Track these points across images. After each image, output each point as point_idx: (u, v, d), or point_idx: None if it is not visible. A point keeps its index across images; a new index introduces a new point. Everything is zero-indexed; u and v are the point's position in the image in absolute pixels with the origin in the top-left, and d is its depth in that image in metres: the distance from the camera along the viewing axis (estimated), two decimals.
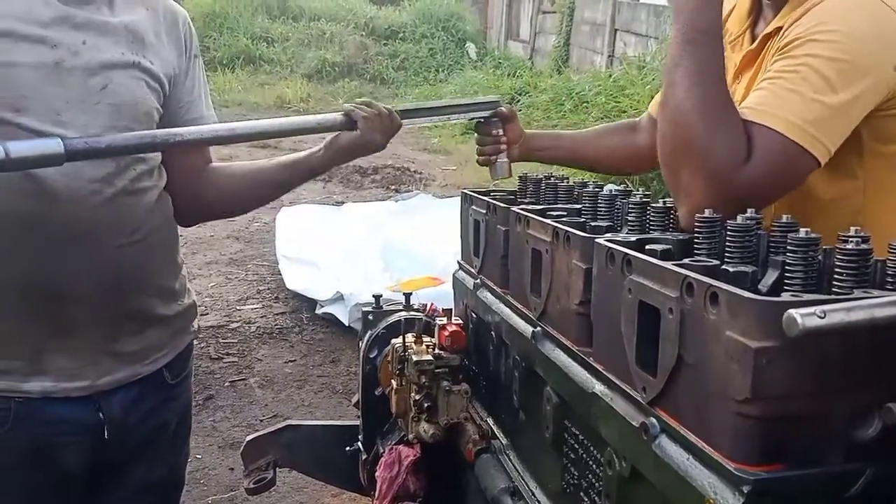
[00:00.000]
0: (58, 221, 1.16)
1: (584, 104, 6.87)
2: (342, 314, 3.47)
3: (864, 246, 0.68)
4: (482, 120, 1.67)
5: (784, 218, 0.82)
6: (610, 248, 0.86)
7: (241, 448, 1.71)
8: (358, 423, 1.72)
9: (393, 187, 6.26)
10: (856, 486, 0.63)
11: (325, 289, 3.58)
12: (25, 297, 1.18)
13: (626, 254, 0.82)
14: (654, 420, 0.75)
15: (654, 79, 6.13)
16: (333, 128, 1.53)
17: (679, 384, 0.72)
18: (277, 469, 1.73)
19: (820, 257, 0.73)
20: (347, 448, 1.66)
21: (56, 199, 1.15)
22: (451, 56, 13.81)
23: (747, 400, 0.62)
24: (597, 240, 0.89)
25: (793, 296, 0.64)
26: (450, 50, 14.05)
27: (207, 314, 3.69)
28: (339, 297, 3.50)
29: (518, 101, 8.56)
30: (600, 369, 0.89)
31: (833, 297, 0.64)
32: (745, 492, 0.62)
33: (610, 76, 7.37)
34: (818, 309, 0.55)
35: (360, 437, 1.64)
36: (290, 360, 3.27)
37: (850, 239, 0.69)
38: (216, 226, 5.30)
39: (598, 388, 0.88)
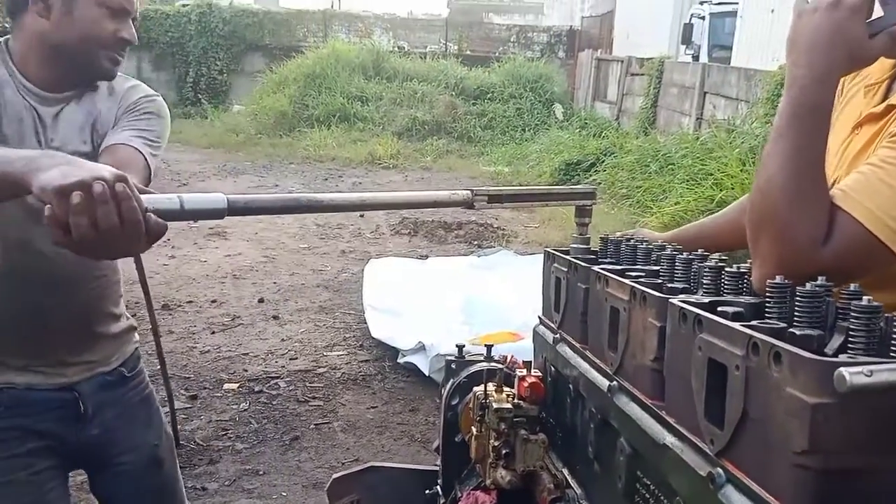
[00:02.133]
0: (47, 273, 1.56)
1: (670, 166, 6.87)
2: (423, 364, 3.57)
3: None
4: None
5: (852, 286, 0.86)
6: (683, 308, 0.92)
7: (328, 485, 1.80)
8: (437, 468, 1.80)
9: (476, 243, 6.39)
10: None
11: (408, 339, 3.70)
12: (19, 326, 1.58)
13: (698, 314, 0.88)
14: (720, 470, 0.80)
15: (742, 142, 6.10)
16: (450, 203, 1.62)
17: (743, 437, 0.77)
18: None
19: (883, 325, 0.77)
20: (427, 491, 1.73)
21: (45, 258, 1.53)
22: (538, 116, 14.06)
23: (805, 452, 0.67)
24: (671, 300, 0.96)
25: (849, 357, 0.69)
26: (537, 110, 14.31)
27: (297, 358, 3.87)
28: (420, 348, 3.61)
29: (603, 161, 8.62)
30: (671, 422, 0.94)
31: (886, 360, 0.69)
32: None
33: (697, 138, 7.36)
34: (866, 368, 0.60)
35: (439, 481, 1.71)
36: (371, 406, 3.39)
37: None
38: (307, 275, 5.55)
39: (669, 439, 0.93)
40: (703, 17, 12.30)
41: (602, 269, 1.24)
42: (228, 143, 13.19)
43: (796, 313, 0.84)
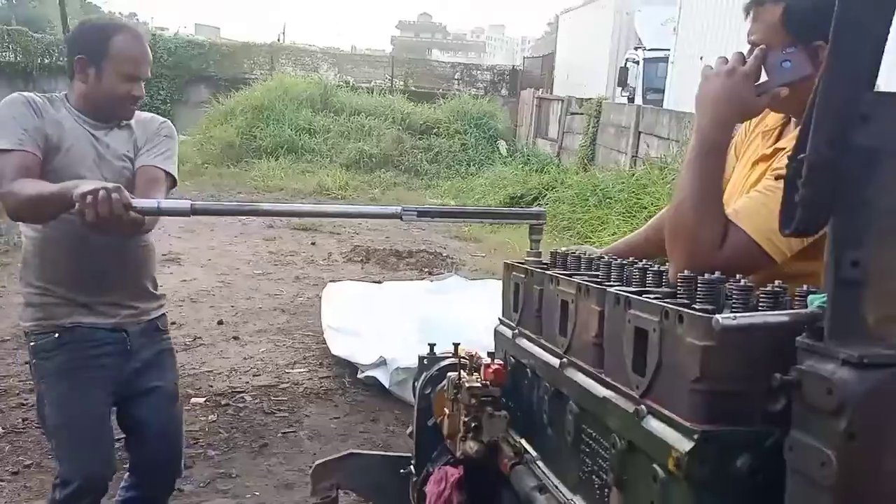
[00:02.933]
0: (106, 241, 2.09)
1: (608, 200, 7.33)
2: (384, 378, 3.82)
3: (777, 289, 1.05)
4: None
5: (738, 277, 1.19)
6: (617, 294, 1.23)
7: (311, 470, 2.05)
8: (409, 454, 2.07)
9: (426, 270, 6.69)
10: (768, 442, 0.98)
11: (368, 355, 3.95)
12: (89, 277, 2.17)
13: (628, 296, 1.20)
14: (643, 406, 1.11)
15: (673, 178, 6.59)
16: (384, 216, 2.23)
17: (658, 380, 1.08)
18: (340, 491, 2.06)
19: (754, 300, 1.10)
20: (402, 470, 2.00)
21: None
22: (483, 151, 14.54)
23: (697, 380, 0.98)
24: (609, 289, 1.27)
25: (725, 316, 1.01)
26: (481, 145, 14.79)
27: (260, 375, 4.07)
28: (381, 362, 3.86)
29: (545, 194, 9.06)
30: (609, 381, 1.25)
31: (749, 313, 1.01)
32: (695, 439, 0.98)
33: (633, 175, 7.86)
34: (731, 315, 0.92)
35: (412, 461, 1.99)
36: (334, 417, 3.62)
37: (771, 285, 1.06)
38: (264, 299, 5.74)
39: (607, 393, 1.24)
40: (637, 62, 13.03)
41: (553, 272, 1.56)
42: None
43: (698, 295, 1.16)
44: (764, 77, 1.43)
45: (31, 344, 2.19)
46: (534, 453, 1.60)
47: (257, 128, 14.88)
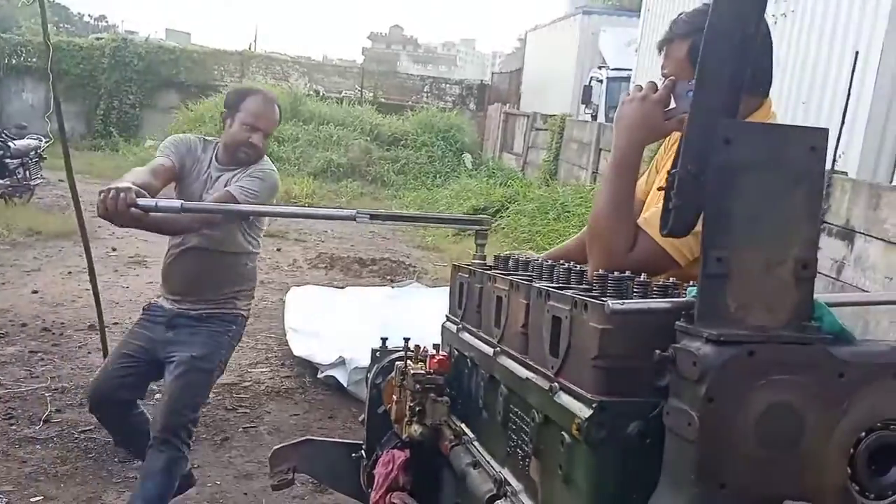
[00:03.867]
0: (194, 251, 2.79)
1: (567, 213, 7.57)
2: (343, 377, 3.97)
3: (668, 283, 1.25)
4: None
5: (642, 276, 1.38)
6: (540, 287, 1.42)
7: (270, 454, 2.20)
8: (361, 441, 2.23)
9: (389, 277, 6.85)
10: (654, 412, 1.17)
11: (328, 355, 4.09)
12: (166, 277, 2.92)
13: (548, 289, 1.38)
14: (556, 384, 1.29)
15: None
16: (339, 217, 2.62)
17: (568, 360, 1.27)
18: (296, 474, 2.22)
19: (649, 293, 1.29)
20: (353, 454, 2.16)
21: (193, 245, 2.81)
22: (449, 164, 14.75)
23: (596, 357, 1.17)
24: (534, 284, 1.46)
25: (616, 302, 1.20)
26: (447, 158, 15.00)
27: (223, 374, 4.18)
28: (340, 362, 4.01)
29: (508, 207, 9.28)
30: (531, 364, 1.43)
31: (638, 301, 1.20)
32: (594, 408, 1.16)
33: (591, 190, 8.11)
34: (621, 301, 1.11)
35: (363, 446, 2.15)
36: (294, 414, 3.76)
37: (661, 279, 1.25)
38: None
39: (529, 374, 1.42)
40: (600, 81, 13.35)
41: (491, 272, 1.74)
42: None
43: (609, 289, 1.35)
44: (673, 104, 1.64)
45: None
46: (471, 435, 1.77)
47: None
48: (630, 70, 11.97)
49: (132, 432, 2.84)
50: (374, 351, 2.18)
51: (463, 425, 1.83)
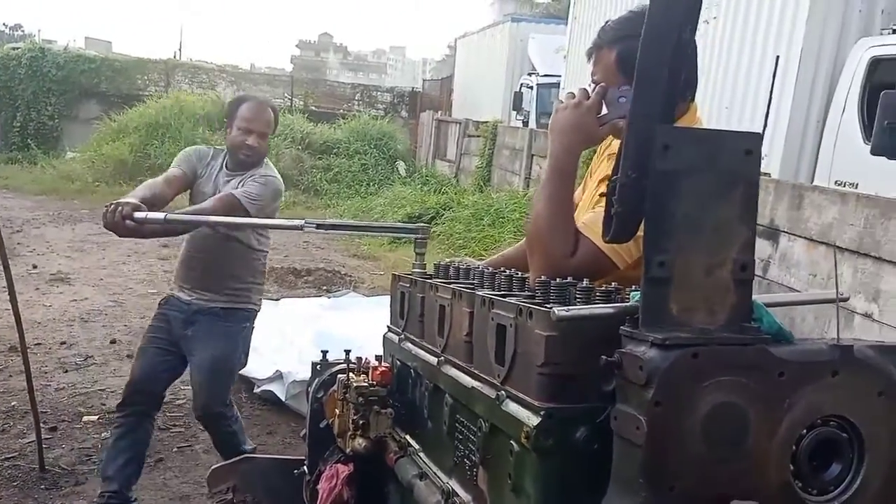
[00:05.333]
0: (201, 243, 3.00)
1: (501, 219, 7.62)
2: (280, 391, 3.88)
3: (611, 288, 1.25)
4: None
5: (585, 281, 1.38)
6: (483, 296, 1.41)
7: (207, 474, 2.13)
8: (302, 456, 2.18)
9: (325, 288, 6.76)
10: (602, 416, 1.17)
11: (265, 369, 4.00)
12: (184, 268, 3.09)
13: (491, 297, 1.37)
14: (503, 392, 1.29)
15: None
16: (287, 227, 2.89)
17: (515, 368, 1.26)
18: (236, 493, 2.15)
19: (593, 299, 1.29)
20: (296, 471, 2.11)
21: (203, 238, 3.00)
22: (382, 171, 14.68)
23: (542, 364, 1.16)
24: (477, 292, 1.45)
25: (561, 308, 1.20)
26: (381, 166, 14.92)
27: None
28: (278, 376, 3.92)
29: (443, 214, 9.29)
30: (477, 373, 1.42)
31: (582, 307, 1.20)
32: (541, 415, 1.15)
33: (525, 195, 8.19)
34: (566, 308, 1.11)
35: (305, 461, 2.10)
36: None
37: (606, 286, 1.26)
38: None
39: (474, 383, 1.41)
40: (531, 87, 13.53)
41: (433, 281, 1.72)
42: (63, 190, 12.76)
43: (551, 296, 1.35)
44: (605, 110, 1.66)
45: None
46: (416, 446, 1.75)
47: (151, 146, 14.50)
48: (559, 76, 12.16)
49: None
50: (314, 364, 2.14)
51: (408, 437, 1.81)
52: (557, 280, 1.34)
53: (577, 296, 1.28)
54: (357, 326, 4.48)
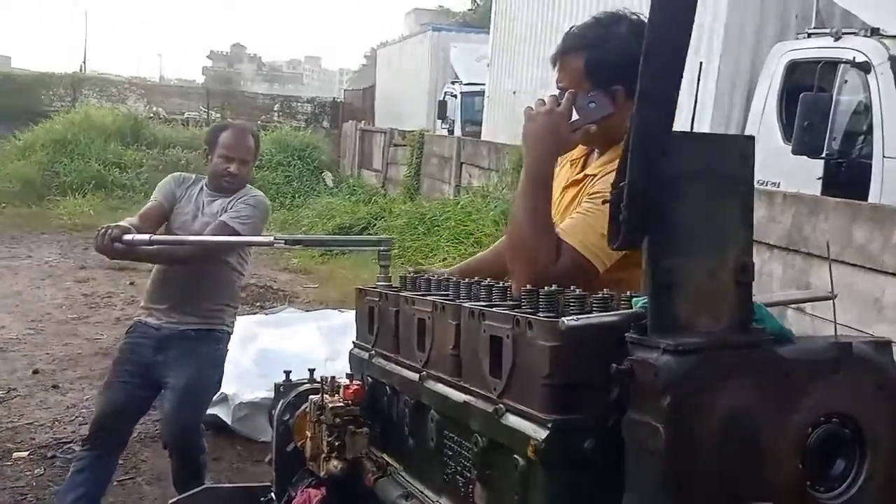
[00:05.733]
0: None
1: (436, 227, 7.62)
2: (225, 414, 3.74)
3: (606, 295, 1.24)
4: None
5: (574, 289, 1.37)
6: (472, 308, 1.38)
7: None
8: (267, 484, 2.09)
9: (258, 304, 6.59)
10: (609, 423, 1.15)
11: None
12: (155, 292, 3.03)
13: (482, 309, 1.34)
14: (501, 406, 1.26)
15: (496, 206, 6.98)
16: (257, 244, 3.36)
17: (513, 380, 1.23)
18: None
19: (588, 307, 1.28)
20: (262, 498, 2.02)
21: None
22: (308, 183, 14.49)
23: (547, 376, 1.14)
24: (463, 304, 1.42)
25: (570, 318, 1.18)
26: (305, 177, 14.73)
27: (86, 423, 3.81)
28: (223, 398, 3.78)
29: (375, 224, 9.22)
30: (468, 386, 1.38)
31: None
32: (549, 428, 1.13)
33: (458, 203, 8.22)
34: (574, 317, 1.09)
35: (273, 489, 2.01)
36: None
37: (601, 293, 1.25)
38: (82, 344, 5.41)
39: (467, 397, 1.37)
40: (455, 96, 13.62)
41: (408, 294, 1.68)
42: None
43: (540, 304, 1.33)
44: (575, 116, 1.66)
45: None
46: (397, 465, 1.70)
47: (60, 163, 13.91)
48: (483, 84, 12.29)
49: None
50: (277, 386, 2.06)
51: (385, 456, 1.76)
52: (545, 289, 1.33)
53: (572, 303, 1.27)
54: (299, 343, 4.39)
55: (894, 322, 3.64)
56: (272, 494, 2.01)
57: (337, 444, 1.74)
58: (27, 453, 3.52)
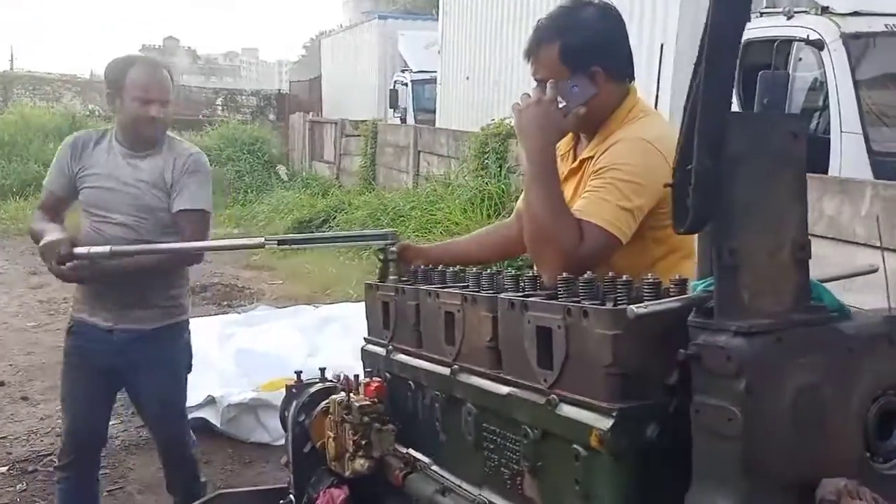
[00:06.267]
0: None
1: (401, 218, 7.56)
2: (214, 417, 3.66)
3: (654, 280, 1.24)
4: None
5: (610, 274, 1.36)
6: (511, 299, 1.36)
7: None
8: (282, 486, 2.05)
9: (225, 303, 6.47)
10: (670, 408, 1.15)
11: (192, 395, 3.76)
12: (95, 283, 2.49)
13: (524, 300, 1.33)
14: (554, 397, 1.24)
15: (461, 193, 6.96)
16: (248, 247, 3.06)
17: (567, 370, 1.22)
18: None
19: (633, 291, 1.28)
20: (281, 501, 1.98)
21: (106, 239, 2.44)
22: (259, 177, 14.24)
23: (610, 364, 1.13)
24: (500, 296, 1.40)
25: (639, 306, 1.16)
26: (257, 171, 14.48)
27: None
28: (210, 401, 3.70)
29: (335, 216, 9.11)
30: (510, 378, 1.37)
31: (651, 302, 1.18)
32: (614, 416, 1.12)
33: (421, 193, 8.17)
34: (642, 305, 1.08)
35: (291, 491, 1.97)
36: (161, 466, 3.40)
37: (648, 279, 1.24)
38: (46, 353, 5.22)
39: (511, 389, 1.36)
40: (405, 84, 13.53)
41: (430, 287, 1.65)
42: None
43: (581, 292, 1.31)
44: (563, 102, 1.69)
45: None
46: (426, 460, 1.68)
47: None
48: (433, 71, 12.23)
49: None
50: (289, 387, 2.01)
51: (411, 451, 1.73)
52: (581, 277, 1.31)
53: (619, 290, 1.26)
54: (277, 341, 4.32)
55: (861, 292, 3.76)
56: (291, 496, 1.97)
57: (364, 442, 1.71)
58: (6, 468, 3.39)
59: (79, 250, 2.17)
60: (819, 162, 4.96)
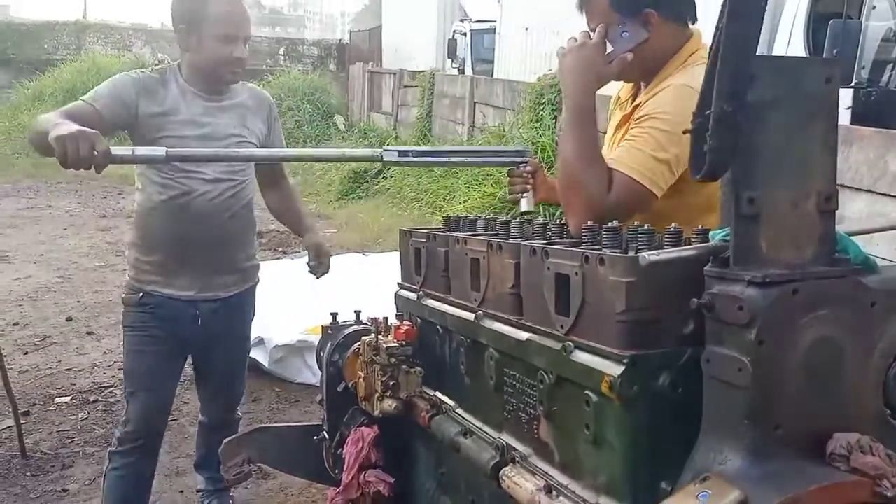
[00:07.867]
0: (195, 209, 2.29)
1: (454, 170, 7.54)
2: (263, 357, 3.78)
3: (676, 230, 1.22)
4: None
5: (636, 223, 1.35)
6: (533, 246, 1.36)
7: (220, 448, 2.04)
8: (317, 423, 2.12)
9: (280, 249, 6.61)
10: (682, 359, 1.14)
11: None
12: (177, 247, 2.30)
13: (545, 248, 1.33)
14: (570, 343, 1.25)
15: (514, 144, 6.89)
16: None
17: (582, 317, 1.22)
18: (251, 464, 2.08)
19: (657, 241, 1.26)
20: (315, 437, 2.05)
21: (194, 196, 2.29)
22: (318, 127, 14.32)
23: (623, 312, 1.13)
24: (523, 243, 1.40)
25: (652, 253, 1.16)
26: (316, 121, 14.55)
27: None
28: (259, 342, 3.82)
29: (390, 168, 9.14)
30: (530, 324, 1.37)
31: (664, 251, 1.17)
32: (625, 363, 1.12)
33: (476, 142, 8.12)
34: (655, 252, 1.07)
35: (324, 427, 2.04)
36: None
37: (671, 228, 1.23)
38: (112, 291, 5.42)
39: (530, 335, 1.36)
40: (465, 34, 13.34)
41: (458, 234, 1.66)
42: None
43: (604, 240, 1.30)
44: (610, 48, 1.64)
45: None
46: (451, 403, 1.71)
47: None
48: (493, 21, 12.02)
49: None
50: (325, 328, 2.06)
51: (438, 394, 1.77)
52: (606, 225, 1.30)
53: (640, 239, 1.24)
54: (326, 287, 4.39)
55: None
56: (324, 433, 2.04)
57: (392, 383, 1.75)
58: (69, 398, 3.58)
59: (118, 151, 1.80)
60: (889, 116, 4.73)
